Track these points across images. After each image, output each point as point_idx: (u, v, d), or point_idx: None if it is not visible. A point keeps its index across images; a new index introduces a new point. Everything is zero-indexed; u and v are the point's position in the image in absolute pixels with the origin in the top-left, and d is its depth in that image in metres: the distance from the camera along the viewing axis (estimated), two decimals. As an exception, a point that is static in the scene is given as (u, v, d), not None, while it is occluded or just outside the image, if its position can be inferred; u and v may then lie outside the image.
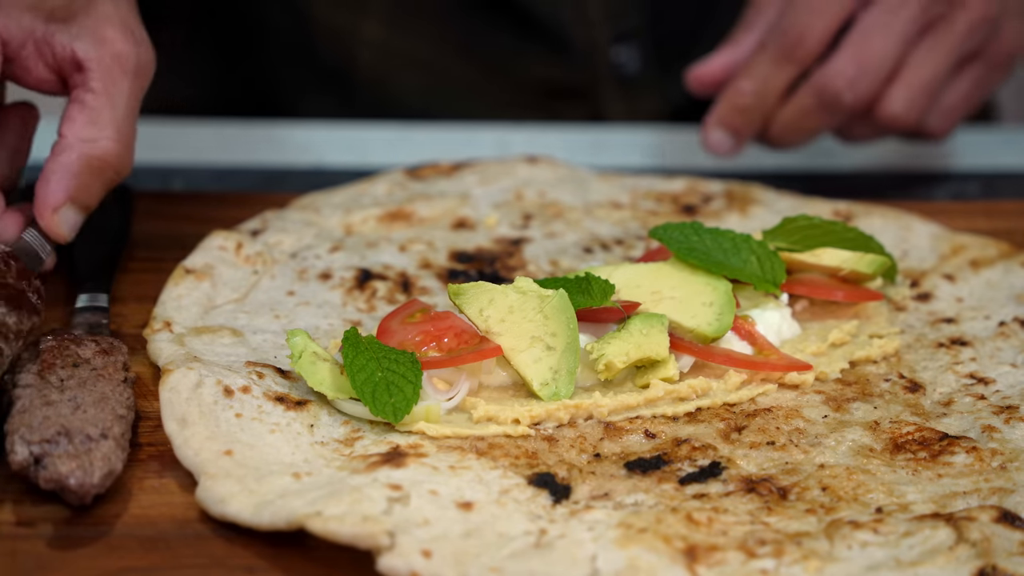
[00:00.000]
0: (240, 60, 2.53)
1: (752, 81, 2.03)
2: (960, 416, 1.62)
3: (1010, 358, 1.70)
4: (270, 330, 1.71)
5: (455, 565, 1.37)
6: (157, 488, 1.49)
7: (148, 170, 2.16)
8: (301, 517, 1.40)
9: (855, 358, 1.70)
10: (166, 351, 1.63)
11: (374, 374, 1.54)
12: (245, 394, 1.56)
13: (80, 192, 1.68)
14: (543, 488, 1.48)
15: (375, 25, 2.41)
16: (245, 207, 1.96)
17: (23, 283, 1.59)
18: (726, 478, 1.51)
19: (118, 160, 1.70)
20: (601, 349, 1.60)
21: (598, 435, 1.57)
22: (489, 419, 1.56)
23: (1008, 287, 1.82)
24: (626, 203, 2.00)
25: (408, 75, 2.45)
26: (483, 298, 1.64)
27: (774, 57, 2.01)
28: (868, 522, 1.44)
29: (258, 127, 2.34)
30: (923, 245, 1.91)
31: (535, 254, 1.88)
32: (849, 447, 1.56)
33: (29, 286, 1.59)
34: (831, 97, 2.00)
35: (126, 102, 1.71)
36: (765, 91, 2.02)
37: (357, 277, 1.81)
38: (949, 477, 1.52)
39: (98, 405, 1.49)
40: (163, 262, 1.83)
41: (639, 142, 2.29)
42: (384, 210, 1.94)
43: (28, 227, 1.70)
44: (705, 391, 1.62)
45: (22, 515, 1.45)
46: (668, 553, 1.39)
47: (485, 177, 2.03)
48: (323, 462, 1.50)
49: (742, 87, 2.03)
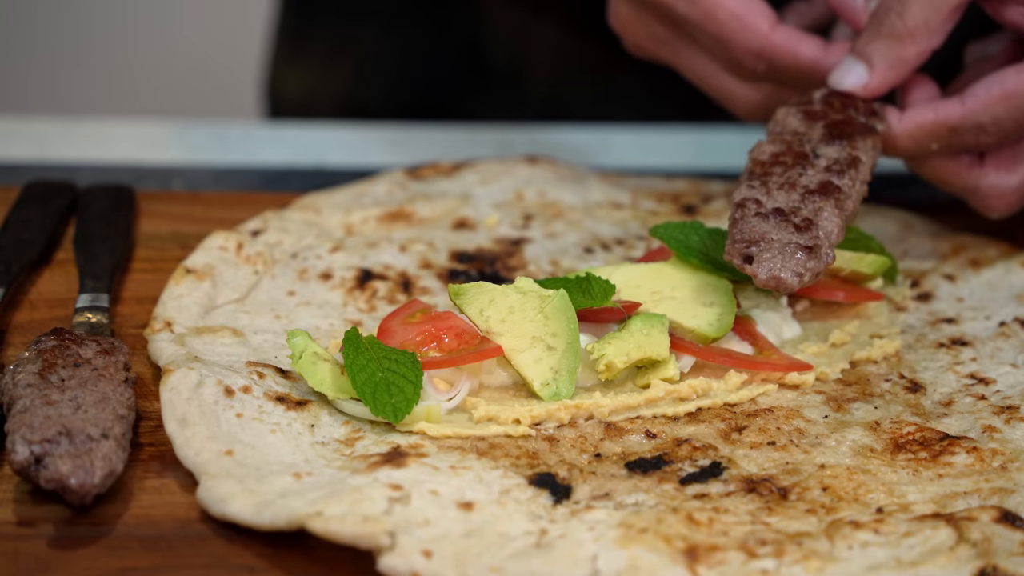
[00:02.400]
0: (420, 60, 2.54)
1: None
2: (961, 416, 1.62)
3: (1010, 358, 1.70)
4: (271, 330, 1.71)
5: (456, 565, 1.37)
6: (158, 488, 1.49)
7: (149, 170, 2.17)
8: (302, 517, 1.40)
9: (856, 358, 1.70)
10: (167, 351, 1.63)
11: (375, 374, 1.54)
12: (246, 394, 1.56)
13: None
14: (544, 488, 1.48)
15: (553, 29, 2.41)
16: (246, 207, 1.96)
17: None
18: (727, 478, 1.51)
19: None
20: (602, 349, 1.60)
21: (599, 435, 1.57)
22: (490, 419, 1.56)
23: (1008, 287, 1.82)
24: (627, 203, 2.01)
25: (581, 81, 2.45)
26: (484, 298, 1.64)
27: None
28: (869, 522, 1.44)
29: (258, 127, 2.34)
30: (923, 245, 1.91)
31: (536, 254, 1.88)
32: (850, 447, 1.56)
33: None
34: (972, 186, 1.81)
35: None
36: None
37: (358, 277, 1.81)
38: (950, 477, 1.52)
39: (99, 405, 1.49)
40: (164, 262, 1.83)
41: (642, 142, 2.29)
42: (385, 210, 1.94)
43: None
44: (706, 391, 1.62)
45: (23, 515, 1.45)
46: (669, 553, 1.39)
47: (485, 177, 2.03)
48: (324, 462, 1.50)
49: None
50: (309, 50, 2.58)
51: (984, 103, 1.74)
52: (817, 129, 1.74)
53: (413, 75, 2.53)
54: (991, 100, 1.74)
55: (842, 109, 1.76)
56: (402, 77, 2.54)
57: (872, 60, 1.76)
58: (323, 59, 2.56)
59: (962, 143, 1.77)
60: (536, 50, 2.44)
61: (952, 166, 1.80)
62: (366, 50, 2.52)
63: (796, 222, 1.64)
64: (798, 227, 1.63)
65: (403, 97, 2.54)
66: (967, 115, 1.75)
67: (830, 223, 1.65)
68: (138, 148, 2.25)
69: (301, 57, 2.59)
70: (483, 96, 2.49)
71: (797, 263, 1.61)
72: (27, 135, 2.27)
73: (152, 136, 2.29)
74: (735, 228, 1.65)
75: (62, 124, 2.32)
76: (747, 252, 1.63)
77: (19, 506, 1.45)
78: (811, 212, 1.65)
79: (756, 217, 1.65)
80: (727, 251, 1.64)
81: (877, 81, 1.76)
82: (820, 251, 1.62)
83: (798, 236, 1.63)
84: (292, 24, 2.60)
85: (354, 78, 2.54)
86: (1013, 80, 1.73)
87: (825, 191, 1.67)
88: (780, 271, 1.61)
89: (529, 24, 2.43)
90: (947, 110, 1.76)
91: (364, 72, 2.53)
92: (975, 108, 1.74)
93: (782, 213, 1.65)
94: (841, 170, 1.69)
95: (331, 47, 2.55)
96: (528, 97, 2.47)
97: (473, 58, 2.48)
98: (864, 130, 1.74)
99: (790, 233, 1.63)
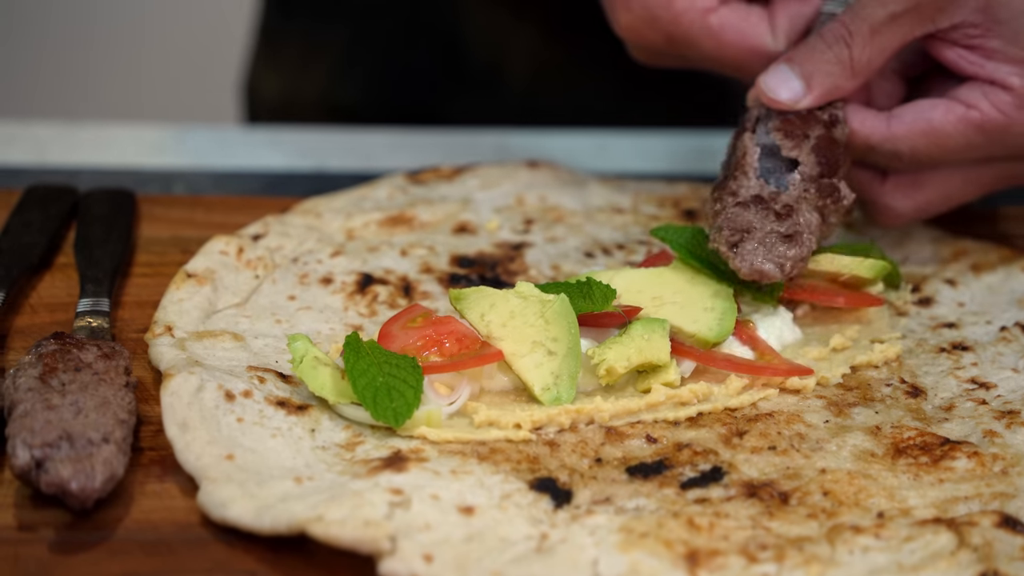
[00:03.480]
0: (395, 63, 2.54)
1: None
2: (961, 421, 1.62)
3: (1011, 363, 1.70)
4: (271, 334, 1.71)
5: (456, 570, 1.37)
6: (158, 492, 1.49)
7: (150, 174, 2.17)
8: (302, 521, 1.40)
9: (856, 363, 1.70)
10: (167, 355, 1.63)
11: (375, 379, 1.54)
12: (246, 398, 1.56)
13: None
14: (544, 493, 1.48)
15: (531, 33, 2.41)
16: (246, 211, 1.96)
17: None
18: (727, 483, 1.51)
19: None
20: (602, 354, 1.60)
21: (599, 440, 1.57)
22: (490, 424, 1.56)
23: (1009, 291, 1.82)
24: (627, 207, 2.00)
25: (557, 84, 2.45)
26: (484, 303, 1.64)
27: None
28: (870, 527, 1.44)
29: (259, 131, 2.34)
30: (924, 250, 1.91)
31: (536, 259, 1.88)
32: (850, 452, 1.56)
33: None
34: (869, 199, 1.85)
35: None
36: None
37: (358, 282, 1.81)
38: (950, 482, 1.52)
39: (100, 409, 1.49)
40: (165, 266, 1.83)
41: (641, 147, 2.29)
42: (385, 214, 1.94)
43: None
44: (706, 396, 1.62)
45: (23, 519, 1.45)
46: (669, 558, 1.39)
47: (486, 181, 2.03)
48: (324, 466, 1.50)
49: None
50: (285, 51, 2.58)
51: (907, 132, 1.75)
52: (806, 147, 1.74)
53: (389, 75, 2.53)
54: (914, 132, 1.75)
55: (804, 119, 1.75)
56: (378, 77, 2.53)
57: (811, 80, 1.75)
58: (298, 59, 2.56)
59: (875, 160, 1.79)
60: (514, 52, 2.44)
61: (858, 173, 1.81)
62: (341, 50, 2.52)
63: (776, 209, 1.65)
64: (778, 215, 1.64)
65: (379, 97, 2.53)
66: (888, 139, 1.76)
67: (809, 212, 1.66)
68: (139, 152, 2.25)
69: (278, 59, 2.59)
70: (459, 97, 2.49)
71: (777, 253, 1.62)
72: (28, 139, 2.27)
73: (153, 140, 2.29)
74: (719, 218, 1.67)
75: (63, 128, 2.32)
76: (733, 240, 1.65)
77: (20, 510, 1.45)
78: (792, 198, 1.66)
79: (737, 206, 1.66)
80: (712, 239, 1.65)
81: (811, 101, 1.76)
82: (801, 237, 1.63)
83: (778, 224, 1.63)
84: (269, 25, 2.60)
85: (329, 79, 2.54)
86: (940, 118, 1.74)
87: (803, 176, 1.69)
88: (762, 263, 1.62)
89: (507, 26, 2.43)
90: (872, 127, 1.76)
91: (339, 72, 2.53)
92: (898, 134, 1.75)
93: (762, 200, 1.66)
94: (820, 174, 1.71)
95: (306, 47, 2.55)
96: (505, 99, 2.47)
97: (450, 59, 2.48)
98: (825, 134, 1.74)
99: (771, 222, 1.64)
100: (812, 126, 1.73)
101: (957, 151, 1.76)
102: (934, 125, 1.74)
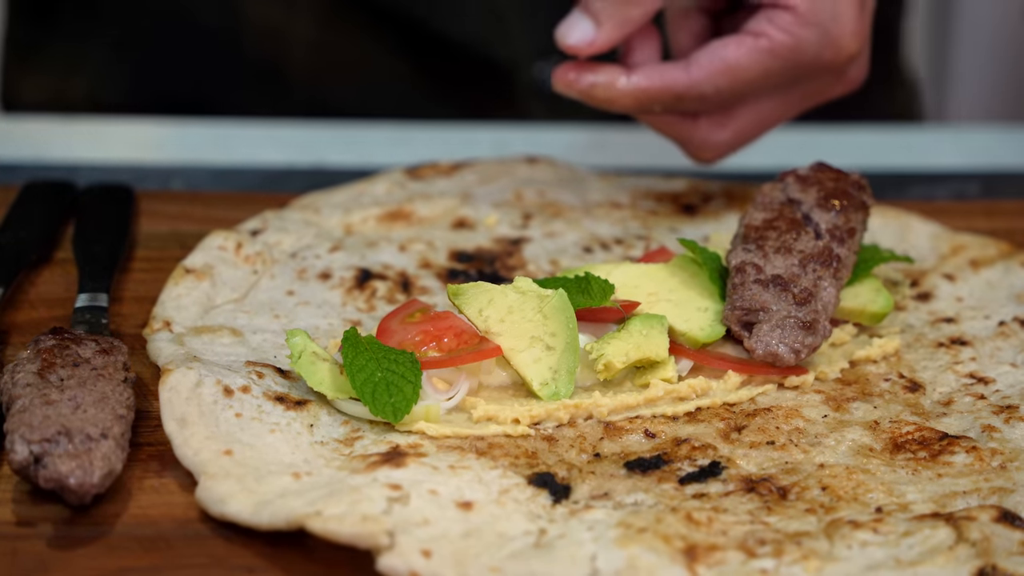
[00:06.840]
0: (166, 56, 2.50)
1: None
2: (960, 416, 1.62)
3: (1010, 358, 1.71)
4: (270, 330, 1.71)
5: (455, 565, 1.37)
6: (157, 488, 1.49)
7: (148, 170, 2.17)
8: (301, 517, 1.40)
9: (855, 358, 1.70)
10: (166, 351, 1.63)
11: (374, 374, 1.54)
12: (245, 394, 1.56)
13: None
14: (543, 488, 1.48)
15: (308, 24, 2.40)
16: (245, 207, 1.96)
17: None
18: (726, 478, 1.51)
19: None
20: (601, 349, 1.60)
21: (598, 435, 1.57)
22: (489, 419, 1.56)
23: (1008, 287, 1.82)
24: (626, 203, 2.01)
25: (341, 74, 2.44)
26: (482, 298, 1.64)
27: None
28: (868, 522, 1.44)
29: (258, 127, 2.34)
30: (923, 245, 1.91)
31: (535, 254, 1.88)
32: (849, 447, 1.56)
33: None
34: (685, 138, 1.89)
35: None
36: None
37: (357, 277, 1.81)
38: (949, 477, 1.52)
39: (98, 405, 1.49)
40: (163, 262, 1.83)
41: (639, 142, 2.29)
42: (384, 210, 1.94)
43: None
44: (705, 391, 1.62)
45: (22, 515, 1.45)
46: (668, 553, 1.39)
47: (485, 177, 2.03)
48: (323, 462, 1.50)
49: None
50: (44, 63, 2.52)
51: (707, 74, 1.80)
52: (811, 194, 1.74)
53: (162, 68, 2.50)
54: (713, 73, 1.80)
55: (835, 179, 1.76)
56: (149, 70, 2.50)
57: (599, 17, 1.78)
58: (63, 58, 2.51)
59: (684, 107, 1.83)
60: (292, 44, 2.42)
61: (667, 118, 1.86)
62: (108, 44, 2.47)
63: (795, 292, 1.65)
64: (797, 299, 1.64)
65: (151, 90, 2.50)
66: (692, 85, 1.80)
67: (828, 294, 1.66)
68: (137, 148, 2.25)
69: (37, 70, 2.53)
70: (241, 89, 2.46)
71: (794, 339, 1.63)
72: (26, 134, 2.27)
73: (151, 136, 2.29)
74: (735, 294, 1.66)
75: (61, 123, 2.32)
76: (746, 319, 1.64)
77: (18, 506, 1.45)
78: (811, 282, 1.66)
79: (756, 284, 1.66)
80: (725, 316, 1.66)
81: (603, 38, 1.78)
82: (818, 326, 1.63)
83: (797, 310, 1.63)
84: (28, 31, 2.53)
85: (98, 72, 2.49)
86: (734, 53, 1.79)
87: (826, 259, 1.67)
88: (777, 347, 1.62)
89: (282, 18, 2.41)
90: (673, 77, 1.80)
91: (107, 65, 2.49)
92: (698, 79, 1.80)
93: (782, 282, 1.65)
94: (841, 238, 1.70)
95: (71, 45, 2.50)
96: (289, 91, 2.45)
97: (228, 51, 2.45)
98: (858, 204, 1.74)
99: (790, 305, 1.64)
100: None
101: (758, 81, 1.81)
102: (729, 62, 1.79)
